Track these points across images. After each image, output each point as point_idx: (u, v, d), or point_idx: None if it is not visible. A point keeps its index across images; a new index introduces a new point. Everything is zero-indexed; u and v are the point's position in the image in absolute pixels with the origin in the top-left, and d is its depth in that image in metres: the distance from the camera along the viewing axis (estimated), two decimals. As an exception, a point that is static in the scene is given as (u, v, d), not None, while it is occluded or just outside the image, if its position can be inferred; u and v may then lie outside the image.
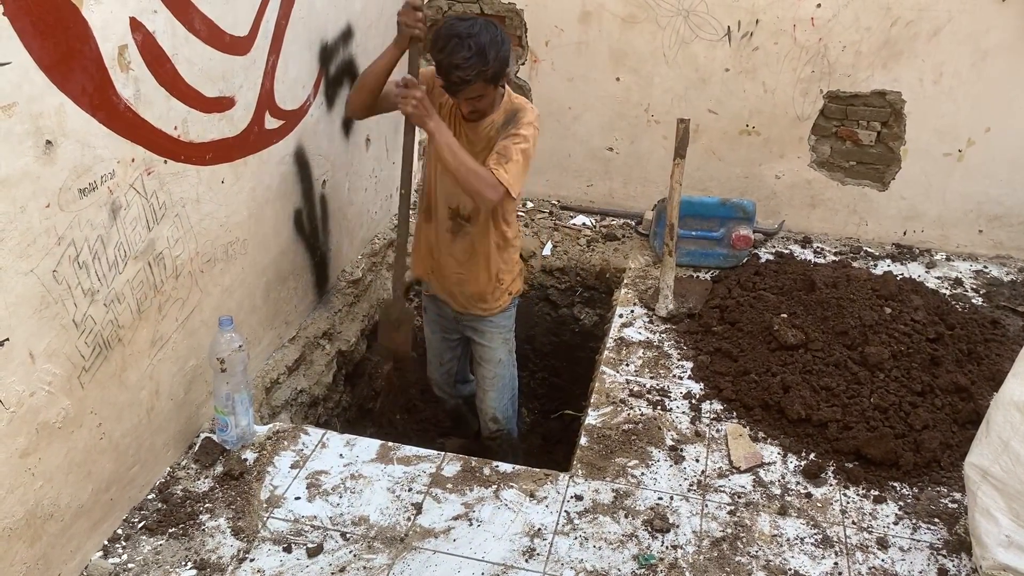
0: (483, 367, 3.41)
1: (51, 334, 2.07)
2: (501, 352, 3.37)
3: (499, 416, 3.46)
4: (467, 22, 2.74)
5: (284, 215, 3.18)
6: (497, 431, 3.50)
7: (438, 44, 2.72)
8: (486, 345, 3.35)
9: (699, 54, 4.22)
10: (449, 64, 2.70)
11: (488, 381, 3.41)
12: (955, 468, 2.86)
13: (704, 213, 4.01)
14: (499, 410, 3.45)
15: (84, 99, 2.05)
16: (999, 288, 4.06)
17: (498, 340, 3.35)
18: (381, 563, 2.44)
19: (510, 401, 3.50)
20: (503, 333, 3.36)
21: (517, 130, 2.87)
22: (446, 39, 2.70)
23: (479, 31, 2.71)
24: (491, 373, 3.39)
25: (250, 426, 2.84)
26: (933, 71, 4.01)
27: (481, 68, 2.71)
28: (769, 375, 3.21)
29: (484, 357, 3.39)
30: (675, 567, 2.47)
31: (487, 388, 3.43)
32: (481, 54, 2.69)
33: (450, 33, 2.70)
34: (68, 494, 2.24)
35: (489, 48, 2.71)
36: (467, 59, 2.68)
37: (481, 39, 2.70)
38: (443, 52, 2.71)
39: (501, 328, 3.34)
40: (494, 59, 2.73)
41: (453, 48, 2.68)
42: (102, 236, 2.19)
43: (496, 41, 2.74)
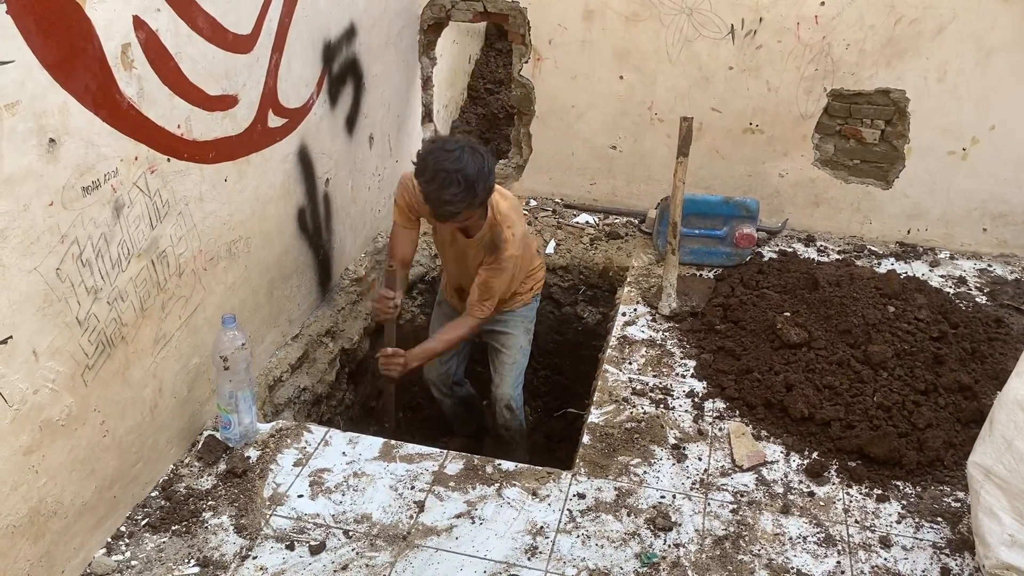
0: (503, 353, 3.47)
1: (54, 332, 2.07)
2: (522, 340, 3.47)
3: (513, 404, 3.52)
4: (454, 152, 2.72)
5: (287, 213, 3.18)
6: (511, 419, 3.56)
7: (425, 175, 2.73)
8: (509, 332, 3.43)
9: (702, 52, 4.21)
10: (438, 199, 2.74)
11: (506, 368, 3.47)
12: (958, 467, 2.85)
13: (707, 211, 4.01)
14: (514, 398, 3.51)
15: (87, 97, 2.05)
16: (1003, 287, 4.05)
17: (520, 328, 3.45)
18: (383, 561, 2.44)
19: (521, 390, 3.57)
20: (526, 323, 3.47)
21: (499, 264, 3.03)
22: (433, 172, 2.71)
23: (466, 163, 2.71)
24: (511, 359, 3.46)
25: (253, 424, 2.85)
26: (937, 69, 4.00)
27: (470, 201, 2.76)
28: (772, 374, 3.21)
29: (505, 344, 3.45)
30: (677, 566, 2.47)
31: (505, 374, 3.48)
32: (470, 189, 2.73)
33: (438, 167, 2.70)
34: (71, 491, 2.24)
35: (477, 182, 2.74)
36: (456, 195, 2.71)
37: (468, 172, 2.71)
38: (431, 184, 2.73)
39: (524, 318, 3.45)
40: (482, 190, 2.78)
41: (442, 183, 2.70)
42: (105, 234, 2.20)
43: (483, 172, 2.76)
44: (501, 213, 3.01)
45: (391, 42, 3.99)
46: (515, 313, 3.41)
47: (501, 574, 2.41)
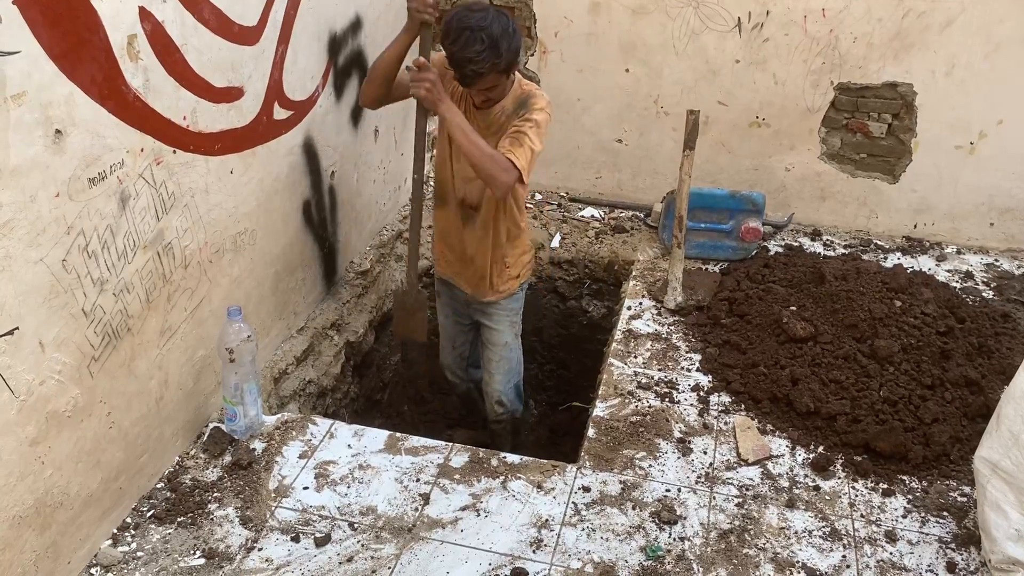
0: (490, 350, 3.45)
1: (60, 323, 2.08)
2: (508, 335, 3.42)
3: (504, 400, 3.50)
4: (479, 13, 2.72)
5: (293, 206, 3.18)
6: (503, 414, 3.55)
7: (450, 36, 2.72)
8: (493, 328, 3.40)
9: (709, 45, 4.19)
10: (462, 57, 2.70)
11: (494, 364, 3.45)
12: (964, 462, 2.84)
13: (713, 205, 4.00)
14: (504, 393, 3.49)
15: (94, 88, 2.05)
16: (1010, 281, 4.04)
17: (505, 323, 3.39)
18: (389, 553, 2.44)
19: (515, 385, 3.55)
20: (510, 316, 3.41)
21: (529, 115, 2.88)
22: (458, 31, 2.70)
23: (491, 22, 2.70)
24: (497, 356, 3.43)
25: (259, 416, 2.85)
26: (945, 63, 3.98)
27: (494, 60, 2.72)
28: (778, 368, 3.20)
29: (491, 340, 3.43)
30: (682, 559, 2.47)
31: (493, 371, 3.47)
32: (494, 47, 2.69)
33: (462, 25, 2.69)
34: (77, 483, 2.25)
35: (501, 40, 2.71)
36: (480, 52, 2.68)
37: (493, 31, 2.69)
38: (455, 44, 2.70)
39: (508, 311, 3.39)
40: (506, 50, 2.74)
41: (466, 41, 2.68)
42: (111, 226, 2.20)
43: (508, 32, 2.74)
44: (530, 85, 2.98)
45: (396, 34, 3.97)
46: (499, 306, 3.35)
47: (506, 567, 2.42)
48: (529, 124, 2.85)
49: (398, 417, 4.23)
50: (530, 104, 2.91)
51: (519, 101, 2.94)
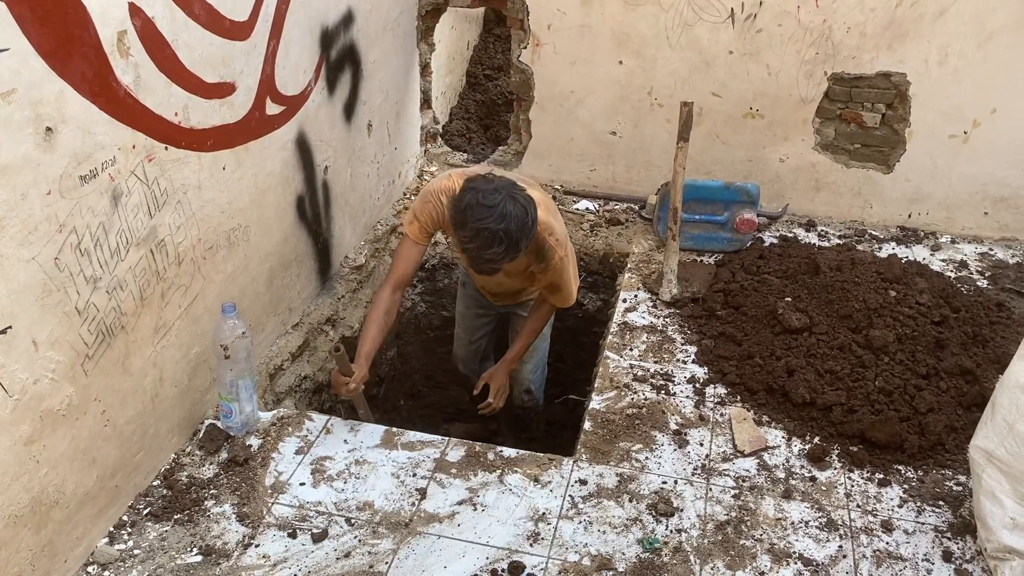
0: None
1: (54, 321, 2.07)
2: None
3: (532, 388, 3.56)
4: (496, 209, 2.52)
5: (286, 201, 3.17)
6: (529, 401, 3.60)
7: (465, 231, 2.57)
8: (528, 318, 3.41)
9: (702, 37, 4.18)
10: (479, 258, 2.60)
11: (527, 353, 3.44)
12: (960, 451, 2.85)
13: (708, 197, 4.00)
14: (533, 381, 3.54)
15: (84, 85, 2.04)
16: (1004, 271, 4.04)
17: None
18: (386, 548, 2.44)
19: (542, 374, 3.60)
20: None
21: (551, 267, 2.92)
22: (474, 232, 2.54)
23: (509, 220, 2.53)
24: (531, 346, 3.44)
25: (254, 412, 2.84)
26: (939, 52, 3.98)
27: (513, 256, 2.62)
28: (773, 359, 3.20)
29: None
30: (679, 551, 2.47)
31: (525, 360, 3.48)
32: (513, 246, 2.57)
33: (480, 227, 2.52)
34: (73, 481, 2.24)
35: (521, 238, 2.58)
36: (498, 254, 2.57)
37: (511, 229, 2.54)
38: (472, 244, 2.57)
39: None
40: (525, 244, 2.64)
41: (484, 243, 2.54)
42: (104, 223, 2.19)
43: (527, 226, 2.59)
44: (541, 223, 2.78)
45: (389, 28, 3.97)
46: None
47: (503, 560, 2.42)
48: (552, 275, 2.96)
49: (394, 412, 4.23)
50: (548, 260, 2.89)
51: (537, 247, 2.85)
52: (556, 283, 3.01)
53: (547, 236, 2.86)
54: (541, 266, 2.92)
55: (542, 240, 2.85)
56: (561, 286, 3.03)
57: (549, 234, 2.87)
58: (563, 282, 3.01)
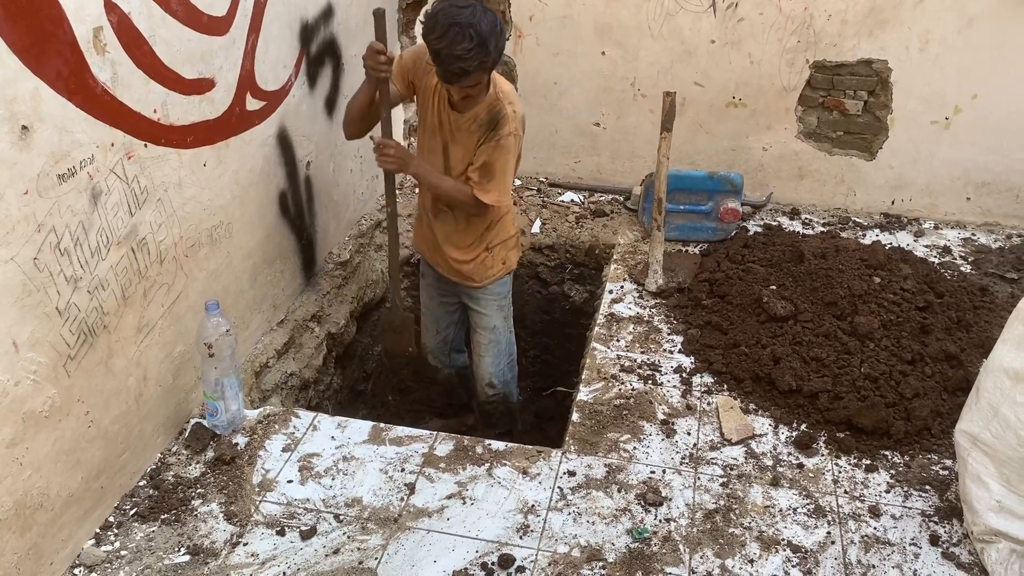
0: (479, 333, 3.44)
1: (34, 322, 2.05)
2: (496, 319, 3.41)
3: (495, 381, 3.50)
4: (466, 9, 2.61)
5: (268, 198, 3.15)
6: (494, 395, 3.54)
7: (436, 31, 2.60)
8: (482, 312, 3.39)
9: (684, 26, 4.18)
10: (449, 55, 2.60)
11: (483, 347, 3.44)
12: (946, 435, 2.87)
13: (692, 187, 4.00)
14: (495, 375, 3.49)
15: (60, 83, 2.01)
16: (987, 255, 4.07)
17: (493, 307, 3.38)
18: (375, 544, 2.44)
19: (507, 366, 3.54)
20: (498, 300, 3.39)
21: (498, 140, 2.88)
22: (445, 27, 2.58)
23: (479, 19, 2.60)
24: (486, 339, 3.43)
25: (240, 410, 2.83)
26: (919, 38, 3.99)
27: (483, 59, 2.64)
28: (759, 347, 3.21)
29: (480, 324, 3.42)
30: (668, 540, 2.48)
31: (482, 354, 3.46)
32: (483, 45, 2.61)
33: (450, 21, 2.58)
34: (57, 483, 2.22)
35: (490, 38, 2.63)
36: (469, 50, 2.58)
37: (482, 28, 2.60)
38: (442, 40, 2.59)
39: (496, 295, 3.37)
40: (494, 48, 2.66)
41: (454, 37, 2.57)
42: (83, 222, 2.17)
43: (496, 30, 2.66)
44: (502, 90, 2.89)
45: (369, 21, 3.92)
46: (485, 291, 3.33)
47: (493, 553, 2.41)
48: (496, 153, 2.90)
49: (383, 407, 4.22)
50: (500, 128, 2.88)
51: (491, 114, 2.88)
52: (491, 163, 2.91)
53: (506, 103, 2.89)
54: (491, 136, 2.89)
55: (500, 105, 2.89)
56: (494, 170, 2.92)
57: (508, 102, 2.90)
58: (498, 165, 2.92)
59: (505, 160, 2.93)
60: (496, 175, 2.94)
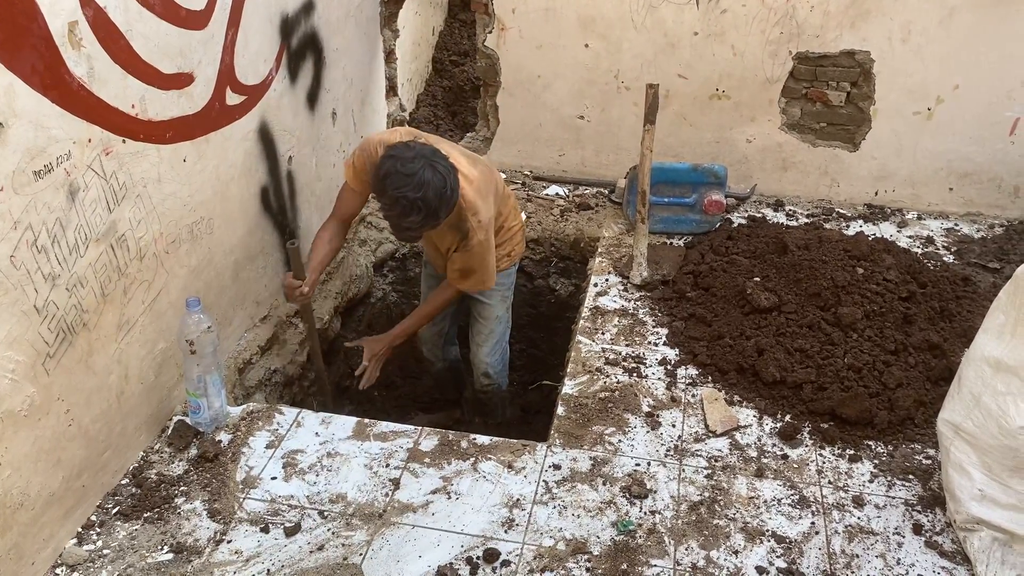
0: (479, 323, 3.45)
1: (12, 321, 2.02)
2: (499, 309, 3.43)
3: (491, 371, 3.52)
4: (414, 177, 2.59)
5: (250, 193, 3.12)
6: (489, 385, 3.56)
7: (385, 200, 2.66)
8: (486, 302, 3.40)
9: (667, 18, 4.17)
10: (399, 225, 2.72)
11: (483, 336, 3.46)
12: (929, 425, 2.88)
13: (676, 179, 4.00)
14: (491, 365, 3.51)
15: (35, 78, 1.99)
16: (970, 245, 4.09)
17: (497, 298, 3.40)
18: (360, 539, 2.43)
19: (501, 356, 3.56)
20: (502, 291, 3.41)
21: (469, 249, 2.96)
22: (393, 200, 2.62)
23: (426, 188, 2.59)
24: (487, 329, 3.44)
25: (223, 407, 2.81)
26: (901, 29, 4.00)
27: (433, 224, 2.73)
28: (743, 339, 3.22)
29: (482, 314, 3.43)
30: (654, 532, 2.48)
31: (481, 343, 3.47)
32: (431, 215, 2.67)
33: (397, 195, 2.60)
34: (38, 482, 2.20)
35: (440, 208, 2.67)
36: (417, 222, 2.67)
37: (429, 198, 2.61)
38: (392, 211, 2.67)
39: (501, 286, 3.38)
40: (444, 212, 2.72)
41: (402, 211, 2.64)
42: (61, 219, 2.14)
43: (445, 195, 2.67)
44: (466, 200, 2.87)
45: (351, 15, 3.92)
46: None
47: (478, 547, 2.41)
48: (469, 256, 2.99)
49: (368, 403, 4.20)
50: (468, 240, 2.93)
51: (459, 221, 2.91)
52: (469, 267, 3.03)
53: (470, 215, 2.91)
54: (462, 244, 2.97)
55: (464, 217, 2.91)
56: (474, 270, 3.05)
57: (472, 214, 2.92)
58: (476, 267, 3.03)
59: (479, 261, 3.02)
60: (476, 271, 3.06)
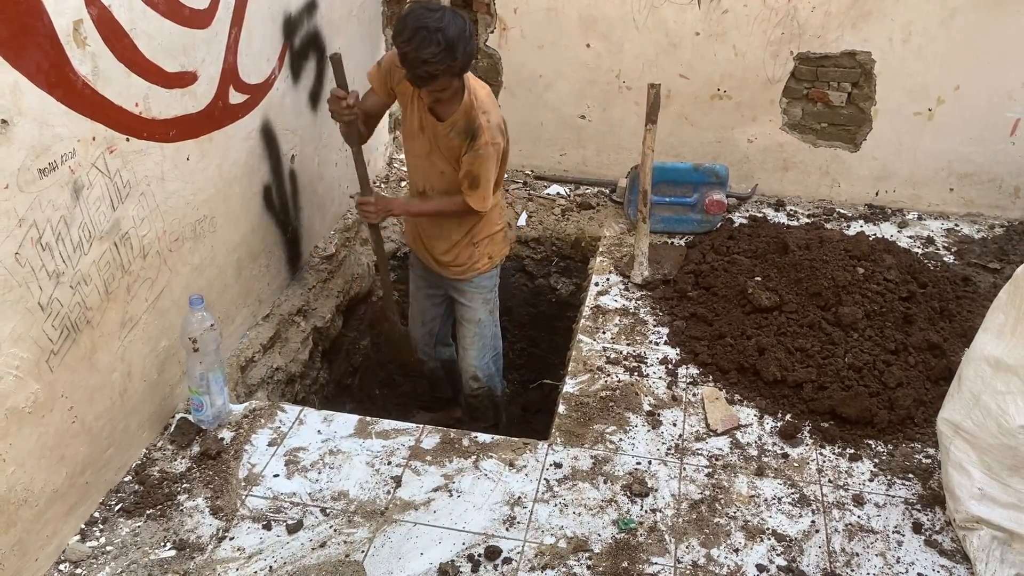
0: (464, 326, 3.45)
1: (16, 318, 2.03)
2: (481, 312, 3.41)
3: (480, 374, 3.51)
4: (435, 12, 2.63)
5: (252, 191, 3.13)
6: (478, 389, 3.55)
7: (404, 34, 2.63)
8: (467, 305, 3.40)
9: (669, 18, 4.18)
10: (416, 59, 2.62)
11: (468, 340, 3.46)
12: (929, 424, 2.89)
13: (677, 179, 4.01)
14: (480, 368, 3.50)
15: (40, 77, 2.00)
16: (970, 245, 4.10)
17: (478, 301, 3.39)
18: (362, 537, 2.44)
19: (492, 360, 3.55)
20: (483, 294, 3.39)
21: (476, 151, 2.92)
22: (413, 31, 2.60)
23: (448, 23, 2.62)
24: (471, 332, 3.44)
25: (226, 405, 2.82)
26: (902, 30, 4.01)
27: (449, 63, 2.65)
28: (744, 338, 3.23)
29: (465, 317, 3.43)
30: (654, 530, 2.49)
31: (467, 347, 3.47)
32: (450, 49, 2.63)
33: (418, 24, 2.60)
34: (42, 479, 2.21)
35: (458, 43, 2.64)
36: (435, 54, 2.61)
37: (450, 32, 2.61)
38: (410, 44, 2.62)
39: (482, 289, 3.37)
40: (462, 53, 2.68)
41: (421, 42, 2.60)
42: (65, 217, 2.15)
43: (464, 35, 2.67)
44: (478, 99, 2.90)
45: (354, 14, 3.93)
46: (472, 283, 3.34)
47: (480, 545, 2.42)
48: (478, 161, 2.94)
49: (369, 401, 4.21)
50: (476, 139, 2.91)
51: (468, 122, 2.89)
52: (475, 173, 2.96)
53: (480, 114, 2.91)
54: (470, 144, 2.93)
55: (475, 116, 2.90)
56: (479, 179, 2.98)
57: (483, 112, 2.91)
58: (481, 174, 2.97)
59: (485, 168, 2.96)
60: (480, 183, 2.99)
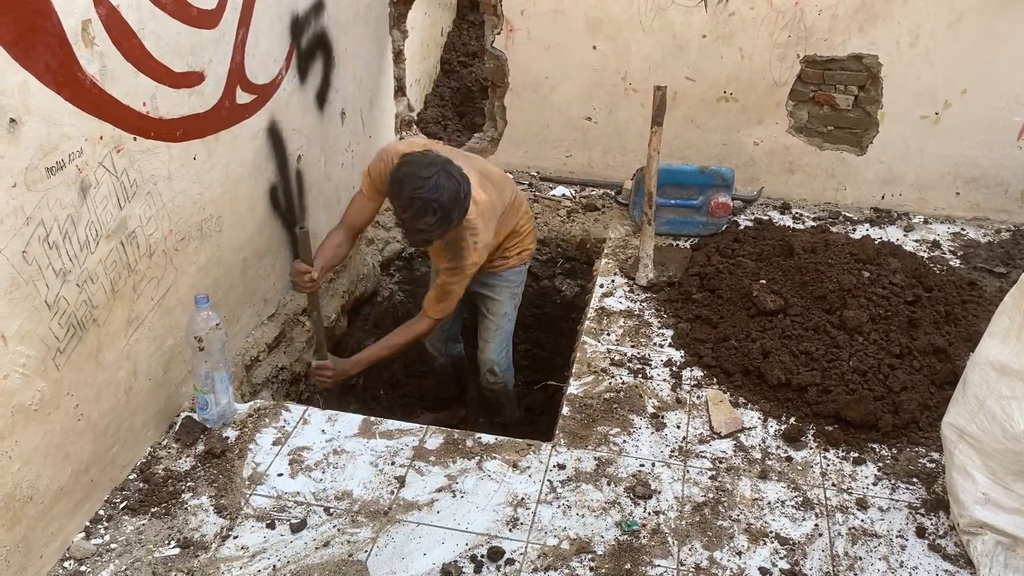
0: (488, 319, 3.47)
1: (23, 316, 2.04)
2: (507, 306, 3.45)
3: (497, 369, 3.54)
4: (429, 179, 2.65)
5: (259, 191, 3.14)
6: (494, 382, 3.58)
7: (400, 202, 2.70)
8: (494, 298, 3.42)
9: (675, 20, 4.18)
10: (413, 227, 2.72)
11: (491, 332, 3.48)
12: (933, 428, 2.89)
13: (683, 181, 4.01)
14: (497, 362, 3.52)
15: (48, 76, 2.01)
16: (976, 250, 4.09)
17: (506, 294, 3.43)
18: (365, 536, 2.44)
19: (507, 355, 3.58)
20: (511, 288, 3.44)
21: (458, 268, 2.97)
22: (408, 200, 2.66)
23: (441, 190, 2.65)
24: (495, 325, 3.46)
25: (230, 404, 2.83)
26: (909, 33, 4.00)
27: (445, 229, 2.73)
28: (749, 341, 3.22)
29: (490, 309, 3.45)
30: (657, 532, 2.49)
31: (488, 339, 3.49)
32: (446, 218, 2.69)
33: (412, 195, 2.64)
34: (47, 476, 2.22)
35: (453, 209, 2.70)
36: (431, 224, 2.68)
37: (444, 200, 2.65)
38: (407, 212, 2.69)
39: (510, 283, 3.42)
40: (457, 217, 2.74)
41: (417, 212, 2.66)
42: (72, 215, 2.16)
43: (459, 197, 2.71)
44: (468, 220, 2.90)
45: (360, 15, 3.94)
46: (501, 276, 3.37)
47: (483, 546, 2.42)
48: (455, 274, 3.00)
49: (374, 402, 4.22)
50: (463, 258, 2.95)
51: (457, 240, 2.94)
52: (448, 288, 3.05)
53: (469, 235, 2.93)
54: (453, 263, 2.99)
55: (463, 236, 2.93)
56: (450, 294, 3.06)
57: (472, 234, 2.93)
58: (453, 290, 3.06)
59: (460, 286, 3.05)
60: (448, 297, 3.07)
